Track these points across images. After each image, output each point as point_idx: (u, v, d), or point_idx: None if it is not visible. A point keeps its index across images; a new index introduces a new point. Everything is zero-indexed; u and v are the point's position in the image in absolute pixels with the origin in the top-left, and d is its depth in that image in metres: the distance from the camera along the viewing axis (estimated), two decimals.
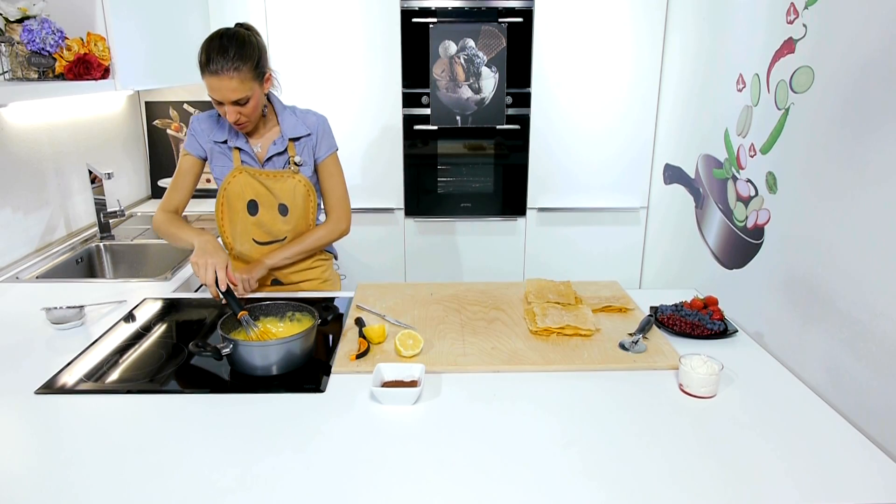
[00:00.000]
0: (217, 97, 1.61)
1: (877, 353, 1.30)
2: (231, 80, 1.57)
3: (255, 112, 1.67)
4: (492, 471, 1.06)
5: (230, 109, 1.62)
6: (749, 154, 1.91)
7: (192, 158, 1.80)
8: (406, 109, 2.93)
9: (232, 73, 1.56)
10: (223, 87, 1.58)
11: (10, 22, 1.85)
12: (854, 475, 1.07)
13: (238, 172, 1.77)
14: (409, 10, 2.79)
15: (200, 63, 1.60)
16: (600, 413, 1.23)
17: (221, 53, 1.57)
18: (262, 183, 1.78)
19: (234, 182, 1.78)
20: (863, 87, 1.38)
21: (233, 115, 1.63)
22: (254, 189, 1.78)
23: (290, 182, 1.79)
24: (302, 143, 1.80)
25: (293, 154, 1.79)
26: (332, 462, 1.08)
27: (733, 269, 2.01)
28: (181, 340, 1.53)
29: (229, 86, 1.58)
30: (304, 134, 1.79)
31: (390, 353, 1.45)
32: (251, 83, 1.61)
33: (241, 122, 1.67)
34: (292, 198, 1.80)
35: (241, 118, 1.65)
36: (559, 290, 1.76)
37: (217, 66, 1.56)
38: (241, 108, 1.63)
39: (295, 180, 1.79)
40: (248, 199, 1.79)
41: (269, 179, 1.78)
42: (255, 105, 1.65)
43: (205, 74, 1.60)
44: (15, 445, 1.13)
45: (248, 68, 1.59)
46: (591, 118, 2.96)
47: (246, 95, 1.61)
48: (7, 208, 2.08)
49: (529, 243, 3.14)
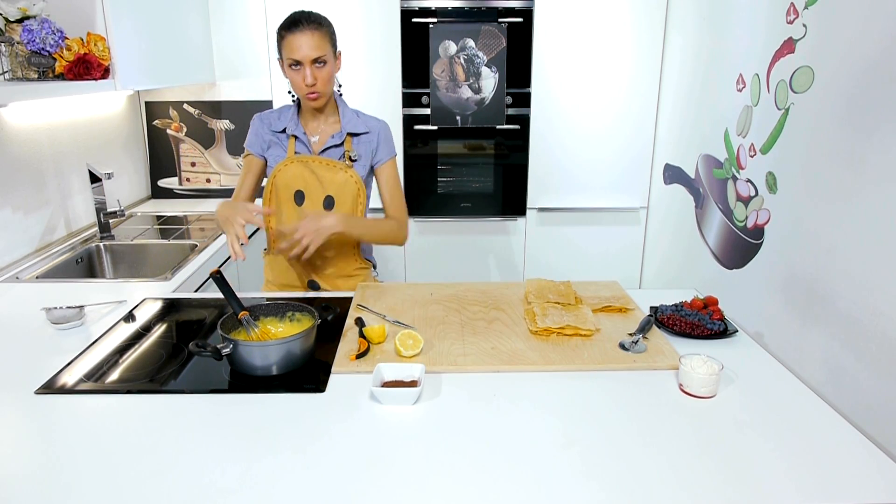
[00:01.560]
0: (297, 56, 1.64)
1: (877, 353, 1.30)
2: (313, 37, 1.64)
3: (328, 83, 1.71)
4: (492, 471, 1.06)
5: (308, 70, 1.66)
6: (749, 154, 1.91)
7: (252, 158, 1.83)
8: (406, 109, 2.93)
9: (314, 29, 1.64)
10: (305, 44, 1.63)
11: (10, 22, 1.85)
12: (854, 475, 1.07)
13: (290, 162, 1.78)
14: (409, 10, 2.79)
15: (283, 27, 1.67)
16: (600, 413, 1.23)
17: (305, 15, 1.66)
18: (313, 171, 1.77)
19: (283, 171, 1.78)
20: (863, 87, 1.38)
21: (310, 76, 1.66)
22: (303, 179, 1.78)
23: (341, 175, 1.78)
24: (360, 141, 1.81)
25: (349, 149, 1.79)
26: (332, 462, 1.08)
27: (733, 269, 2.01)
28: (181, 340, 1.53)
29: (311, 42, 1.64)
30: (363, 131, 1.80)
31: (390, 353, 1.45)
32: (329, 47, 1.68)
33: (315, 90, 1.69)
34: (341, 192, 1.79)
35: (317, 83, 1.68)
36: (559, 290, 1.76)
37: (301, 24, 1.64)
38: (317, 72, 1.67)
39: (347, 175, 1.78)
40: (295, 188, 1.79)
41: (321, 167, 1.77)
42: (329, 73, 1.70)
43: (286, 36, 1.66)
44: (15, 445, 1.12)
45: (328, 33, 1.68)
46: (591, 118, 2.96)
47: (324, 55, 1.66)
48: (7, 208, 2.08)
49: (529, 243, 3.14)
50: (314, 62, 1.66)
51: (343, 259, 1.88)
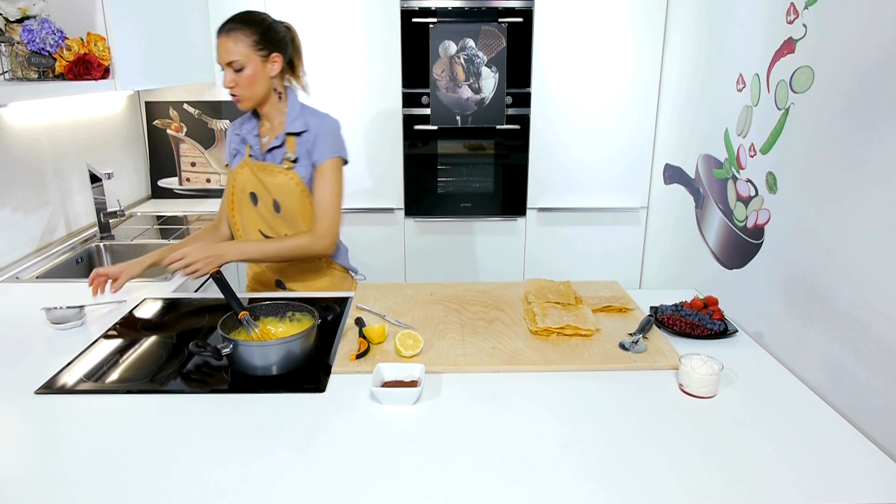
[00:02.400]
0: (219, 60, 1.68)
1: (877, 353, 1.30)
2: (227, 41, 1.65)
3: (250, 87, 1.69)
4: (492, 471, 1.06)
5: (226, 73, 1.68)
6: (749, 154, 1.91)
7: (230, 169, 1.87)
8: (406, 109, 2.93)
9: (232, 33, 1.65)
10: (222, 47, 1.66)
11: (10, 22, 1.85)
12: (854, 475, 1.07)
13: (244, 165, 1.81)
14: (409, 10, 2.79)
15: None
16: (600, 413, 1.23)
17: (234, 17, 1.68)
18: (257, 176, 1.78)
19: (239, 174, 1.82)
20: (863, 87, 1.38)
21: (227, 79, 1.68)
22: (252, 182, 1.80)
23: (281, 178, 1.77)
24: (301, 140, 1.78)
25: (291, 150, 1.78)
26: (331, 462, 1.08)
27: (733, 269, 2.01)
28: (181, 340, 1.53)
29: (225, 46, 1.65)
30: (300, 130, 1.76)
31: (390, 353, 1.45)
32: (248, 51, 1.66)
33: (235, 93, 1.70)
34: (283, 194, 1.78)
35: (234, 88, 1.68)
36: (559, 290, 1.76)
37: (225, 27, 1.66)
38: (235, 77, 1.67)
39: (287, 177, 1.76)
40: (249, 190, 1.81)
41: (262, 172, 1.78)
42: (250, 77, 1.68)
43: (216, 40, 1.68)
44: (15, 445, 1.12)
45: (247, 35, 1.66)
46: (591, 118, 2.96)
47: (238, 60, 1.65)
48: (7, 208, 2.08)
49: (529, 243, 3.14)
50: (231, 66, 1.66)
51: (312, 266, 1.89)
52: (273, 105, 1.78)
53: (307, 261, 1.87)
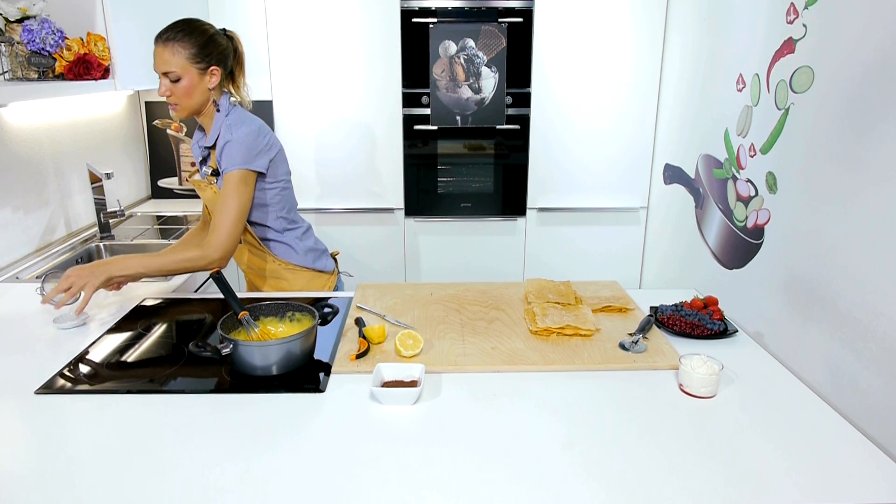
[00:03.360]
0: (155, 68, 1.67)
1: (877, 353, 1.30)
2: (164, 51, 1.64)
3: (186, 98, 1.68)
4: (492, 471, 1.06)
5: (161, 82, 1.67)
6: (749, 154, 1.91)
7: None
8: (406, 109, 2.93)
9: (166, 44, 1.64)
10: (158, 57, 1.65)
11: (10, 22, 1.85)
12: (854, 475, 1.07)
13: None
14: (409, 10, 2.79)
15: None
16: (600, 413, 1.23)
17: (171, 27, 1.66)
18: (197, 193, 1.81)
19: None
20: (863, 87, 1.38)
21: (162, 87, 1.67)
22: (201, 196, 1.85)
23: (208, 191, 1.78)
24: (218, 151, 1.73)
25: (213, 163, 1.76)
26: (331, 462, 1.08)
27: (733, 269, 2.01)
28: (181, 340, 1.53)
29: (161, 56, 1.64)
30: (212, 143, 1.74)
31: (390, 353, 1.45)
32: (185, 63, 1.65)
33: (172, 102, 1.69)
34: (213, 206, 1.76)
35: (170, 96, 1.68)
36: (559, 290, 1.76)
37: (161, 37, 1.65)
38: (171, 86, 1.66)
39: (212, 190, 1.77)
40: (203, 203, 1.86)
41: (197, 188, 1.83)
42: (186, 88, 1.67)
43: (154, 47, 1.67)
44: (15, 445, 1.12)
45: (184, 47, 1.64)
46: (591, 118, 2.96)
47: (174, 71, 1.64)
48: (7, 208, 2.08)
49: (529, 243, 3.14)
50: (167, 76, 1.65)
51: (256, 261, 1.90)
52: (208, 116, 1.75)
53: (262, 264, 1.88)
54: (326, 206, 3.04)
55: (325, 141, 2.97)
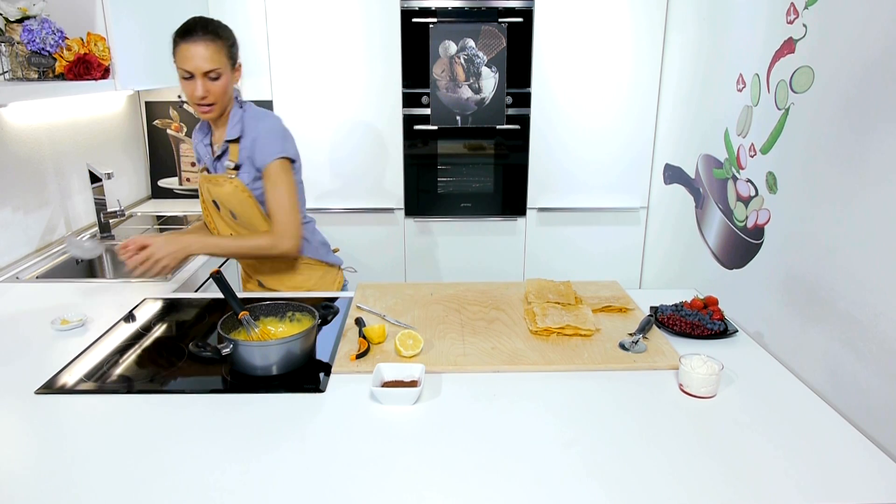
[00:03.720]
0: (188, 67, 1.60)
1: (877, 353, 1.30)
2: (207, 49, 1.59)
3: (223, 96, 1.67)
4: (492, 470, 1.06)
5: (200, 83, 1.62)
6: (749, 154, 1.91)
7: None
8: (406, 109, 2.93)
9: (208, 42, 1.59)
10: (197, 56, 1.59)
11: (10, 22, 1.85)
12: (854, 475, 1.07)
13: (202, 176, 1.83)
14: (409, 10, 2.79)
15: (176, 36, 1.62)
16: (600, 413, 1.23)
17: (201, 25, 1.61)
18: (208, 189, 1.79)
19: (200, 184, 1.83)
20: (863, 87, 1.38)
21: (201, 88, 1.62)
22: (210, 191, 1.80)
23: (227, 186, 1.76)
24: (242, 145, 1.74)
25: (234, 158, 1.75)
26: (331, 462, 1.08)
27: (733, 269, 2.01)
28: (181, 340, 1.53)
29: (203, 54, 1.59)
30: (236, 137, 1.73)
31: (390, 353, 1.45)
32: (224, 60, 1.63)
33: (208, 103, 1.65)
34: (234, 203, 1.77)
35: (209, 96, 1.64)
36: (559, 290, 1.76)
37: (195, 34, 1.59)
38: (210, 85, 1.63)
39: (232, 185, 1.75)
40: (211, 199, 1.82)
41: (210, 183, 1.79)
42: (224, 86, 1.65)
43: (179, 46, 1.61)
44: (15, 445, 1.12)
45: (224, 44, 1.63)
46: (591, 118, 2.96)
47: (217, 69, 1.61)
48: (7, 208, 2.08)
49: (529, 243, 3.14)
50: (206, 75, 1.61)
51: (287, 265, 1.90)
52: (228, 113, 1.75)
53: (279, 259, 1.87)
54: (326, 206, 3.04)
55: (324, 141, 2.97)
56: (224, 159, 1.77)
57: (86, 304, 1.74)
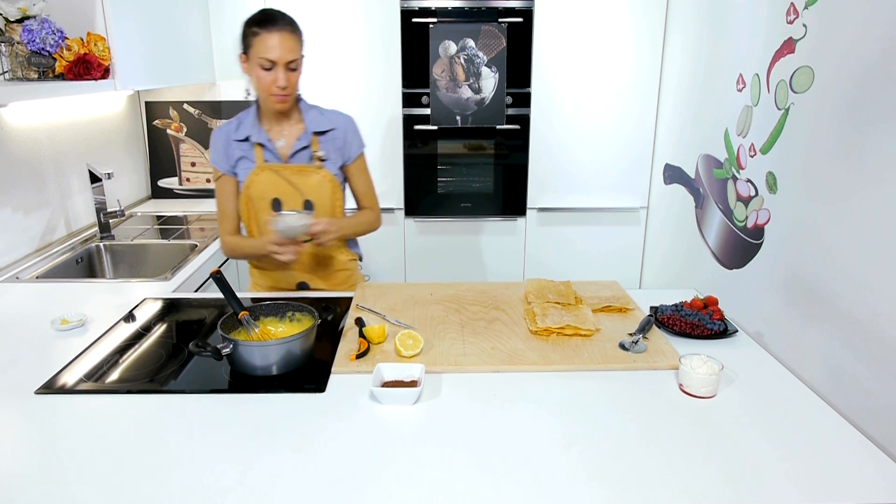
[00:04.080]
0: (272, 56, 1.59)
1: (877, 353, 1.30)
2: (291, 38, 1.61)
3: (296, 87, 1.69)
4: (492, 471, 1.06)
5: (282, 73, 1.62)
6: (749, 154, 1.91)
7: (225, 179, 1.78)
8: (406, 109, 2.93)
9: (290, 30, 1.61)
10: (281, 45, 1.59)
11: (10, 22, 1.85)
12: (854, 475, 1.07)
13: (260, 171, 1.74)
14: (409, 10, 2.79)
15: (253, 24, 1.61)
16: (600, 413, 1.23)
17: (280, 14, 1.62)
18: (287, 179, 1.75)
19: (256, 181, 1.75)
20: (863, 88, 1.38)
21: (282, 79, 1.62)
22: (278, 187, 1.75)
23: (314, 177, 1.77)
24: (326, 138, 1.79)
25: (316, 149, 1.78)
26: (332, 462, 1.08)
27: (733, 269, 2.01)
28: (181, 340, 1.53)
29: (288, 44, 1.60)
30: (328, 129, 1.78)
31: (390, 353, 1.45)
32: (300, 51, 1.65)
33: (286, 93, 1.65)
34: (318, 194, 1.78)
35: (286, 87, 1.64)
36: (559, 290, 1.76)
37: (278, 23, 1.59)
38: (289, 75, 1.64)
39: (320, 175, 1.77)
40: (271, 197, 1.76)
41: (295, 175, 1.76)
42: (298, 78, 1.68)
43: (260, 35, 1.59)
44: (15, 445, 1.13)
45: (300, 36, 1.65)
46: (591, 118, 2.96)
47: (297, 59, 1.64)
48: (7, 208, 2.08)
49: (529, 243, 3.14)
50: (287, 65, 1.62)
51: (333, 252, 1.89)
52: (294, 107, 1.78)
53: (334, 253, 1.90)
54: None
55: None
56: (307, 151, 1.77)
57: (86, 304, 1.74)
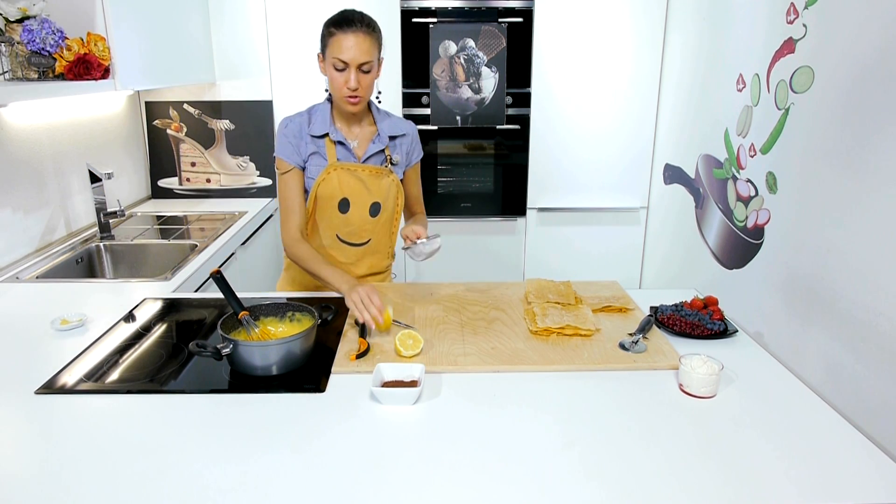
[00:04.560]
0: (345, 57, 1.58)
1: (877, 353, 1.30)
2: (366, 40, 1.59)
3: (370, 89, 1.68)
4: (492, 471, 1.06)
5: (353, 74, 1.60)
6: (749, 154, 1.91)
7: (294, 173, 1.72)
8: (406, 109, 2.93)
9: (366, 33, 1.59)
10: (356, 47, 1.58)
11: (10, 22, 1.85)
12: (854, 475, 1.07)
13: (332, 169, 1.71)
14: (409, 10, 2.79)
15: (331, 24, 1.60)
16: (600, 413, 1.23)
17: (358, 16, 1.60)
18: (361, 179, 1.74)
19: (327, 180, 1.72)
20: (863, 87, 1.38)
21: (354, 80, 1.61)
22: (349, 186, 1.74)
23: (386, 180, 1.78)
24: (396, 143, 1.80)
25: (389, 153, 1.79)
26: (331, 462, 1.08)
27: (733, 269, 2.01)
28: (181, 340, 1.53)
29: (363, 46, 1.59)
30: (401, 134, 1.80)
31: (390, 353, 1.45)
32: (376, 54, 1.64)
33: (358, 95, 1.63)
34: (386, 196, 1.79)
35: (357, 89, 1.62)
36: (559, 290, 1.76)
37: (355, 25, 1.58)
38: (362, 77, 1.62)
39: (390, 179, 1.79)
40: (339, 198, 1.74)
41: (369, 176, 1.75)
42: (372, 80, 1.66)
43: (336, 34, 1.59)
44: (15, 445, 1.12)
45: (378, 38, 1.64)
46: (591, 118, 2.96)
47: (372, 61, 1.62)
48: (7, 208, 2.08)
49: (529, 243, 3.14)
50: (360, 67, 1.60)
51: (378, 258, 1.90)
52: (365, 109, 1.78)
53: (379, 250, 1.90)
54: None
55: None
56: (381, 154, 1.77)
57: (86, 304, 1.74)
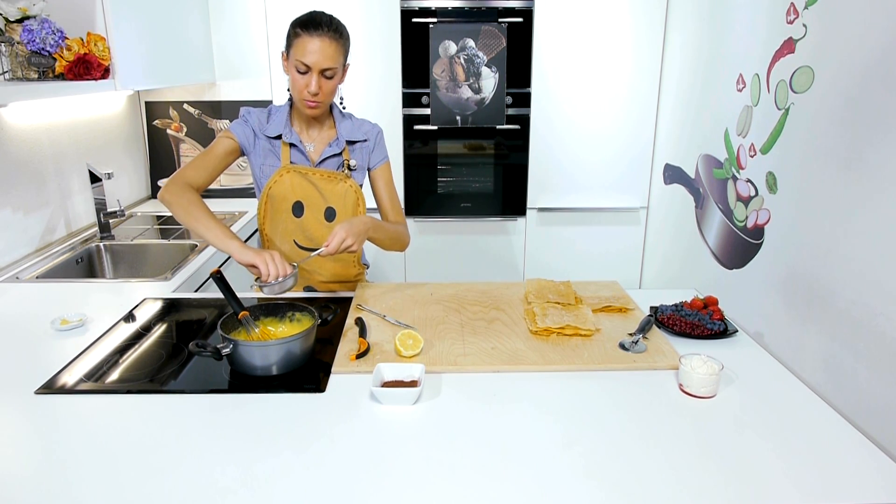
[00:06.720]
0: (309, 61, 1.56)
1: (876, 353, 1.30)
2: (331, 45, 1.57)
3: (331, 95, 1.66)
4: (492, 471, 1.06)
5: (315, 79, 1.59)
6: (749, 154, 1.91)
7: (232, 143, 1.69)
8: (406, 109, 2.93)
9: (332, 38, 1.57)
10: (321, 51, 1.56)
11: (10, 22, 1.85)
12: (854, 475, 1.07)
13: (285, 171, 1.71)
14: (409, 10, 2.79)
15: (298, 25, 1.58)
16: (600, 413, 1.23)
17: (325, 20, 1.58)
18: (313, 183, 1.72)
19: (279, 182, 1.71)
20: (863, 88, 1.38)
21: (315, 84, 1.59)
22: (302, 190, 1.72)
23: (341, 186, 1.75)
24: (356, 148, 1.78)
25: (348, 158, 1.76)
26: (331, 462, 1.08)
27: (733, 269, 2.01)
28: (181, 340, 1.53)
29: (327, 51, 1.56)
30: (360, 139, 1.77)
31: (390, 353, 1.45)
32: (341, 60, 1.62)
33: (317, 100, 1.62)
34: (341, 202, 1.76)
35: (317, 94, 1.61)
36: (559, 290, 1.76)
37: (321, 28, 1.56)
38: (323, 82, 1.61)
39: (347, 185, 1.75)
40: (293, 200, 1.73)
41: (321, 180, 1.73)
42: (334, 86, 1.65)
43: (301, 37, 1.56)
44: (15, 445, 1.12)
45: (344, 44, 1.62)
46: (591, 118, 2.97)
47: (335, 68, 1.60)
48: (7, 208, 2.08)
49: (529, 243, 3.14)
50: (323, 72, 1.59)
51: (342, 266, 1.86)
52: (326, 110, 1.75)
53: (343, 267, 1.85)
54: None
55: None
56: (337, 159, 1.75)
57: (86, 304, 1.74)
